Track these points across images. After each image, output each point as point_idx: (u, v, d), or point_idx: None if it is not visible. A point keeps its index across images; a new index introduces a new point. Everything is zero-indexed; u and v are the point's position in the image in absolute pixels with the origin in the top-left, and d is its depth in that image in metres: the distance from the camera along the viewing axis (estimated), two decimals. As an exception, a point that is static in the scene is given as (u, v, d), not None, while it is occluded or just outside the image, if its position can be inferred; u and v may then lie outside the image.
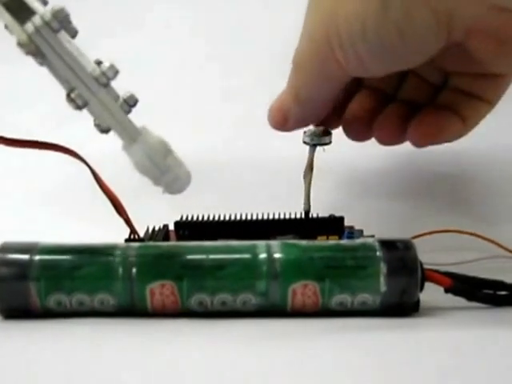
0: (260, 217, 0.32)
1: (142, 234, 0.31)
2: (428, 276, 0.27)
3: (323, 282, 0.26)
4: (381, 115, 0.31)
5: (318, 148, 0.32)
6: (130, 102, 0.25)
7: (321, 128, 0.31)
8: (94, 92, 0.25)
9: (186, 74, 0.45)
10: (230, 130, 0.44)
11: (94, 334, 0.26)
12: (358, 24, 0.24)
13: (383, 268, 0.26)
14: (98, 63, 0.25)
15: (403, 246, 0.27)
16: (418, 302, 0.27)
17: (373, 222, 0.34)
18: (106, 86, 0.25)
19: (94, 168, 0.29)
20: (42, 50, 0.24)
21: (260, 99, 0.31)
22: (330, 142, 0.32)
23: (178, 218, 0.32)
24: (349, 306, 0.27)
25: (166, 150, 0.25)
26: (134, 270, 0.26)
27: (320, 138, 0.31)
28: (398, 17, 0.24)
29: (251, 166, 0.42)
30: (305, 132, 0.31)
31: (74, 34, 0.25)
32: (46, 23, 0.24)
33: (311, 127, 0.31)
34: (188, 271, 0.26)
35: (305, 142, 0.32)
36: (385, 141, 0.31)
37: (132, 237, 0.30)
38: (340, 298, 0.26)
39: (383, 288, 0.26)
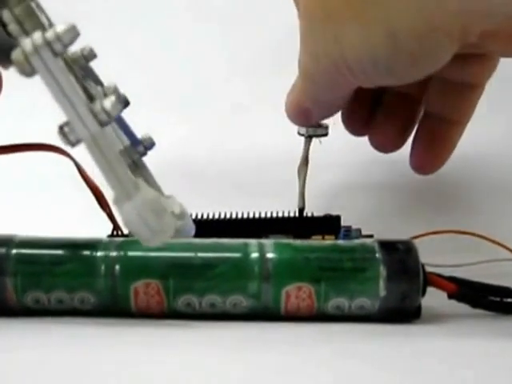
0: (252, 215, 0.31)
1: (127, 232, 0.29)
2: (431, 280, 0.26)
3: (319, 285, 0.25)
4: (375, 118, 0.30)
5: (314, 140, 0.30)
6: (146, 145, 0.24)
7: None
8: (90, 131, 0.22)
9: (177, 72, 0.44)
10: (221, 125, 0.43)
11: (73, 334, 0.25)
12: (368, 56, 0.24)
13: (383, 271, 0.25)
14: (104, 94, 0.23)
15: (404, 247, 0.26)
16: (419, 307, 0.26)
17: (371, 221, 0.33)
18: (106, 124, 0.23)
19: (78, 161, 0.28)
20: (38, 73, 0.22)
21: (251, 92, 0.29)
22: (326, 134, 0.30)
23: None
24: (346, 311, 0.26)
25: (160, 209, 0.23)
26: (117, 267, 0.25)
27: (316, 129, 0.30)
28: (408, 45, 0.23)
29: (243, 161, 0.41)
30: None
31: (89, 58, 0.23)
32: (48, 43, 0.21)
33: None
34: (175, 270, 0.25)
35: (300, 134, 0.30)
36: (381, 147, 0.31)
37: (115, 233, 0.29)
38: (337, 302, 0.25)
39: (383, 292, 0.25)
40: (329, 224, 0.31)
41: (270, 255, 0.25)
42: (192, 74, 0.44)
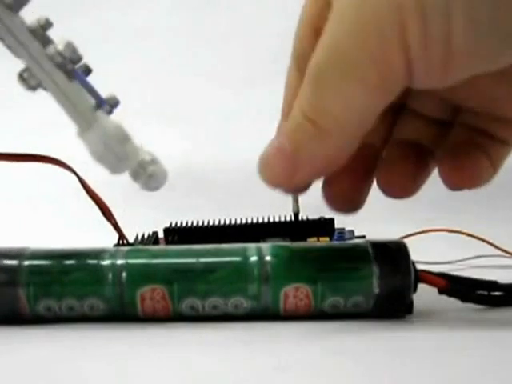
0: (249, 220, 0.31)
1: (131, 241, 0.31)
2: (421, 277, 0.27)
3: (315, 285, 0.26)
4: (382, 162, 0.26)
5: None
6: (111, 103, 0.24)
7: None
8: (47, 72, 0.23)
9: (174, 73, 0.45)
10: (219, 134, 0.44)
11: (84, 340, 0.26)
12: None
13: (376, 269, 0.26)
14: (49, 40, 0.24)
15: (395, 246, 0.27)
16: (411, 303, 0.27)
17: (363, 222, 0.33)
18: (62, 66, 0.23)
19: (80, 175, 0.29)
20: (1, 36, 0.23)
21: (250, 99, 0.30)
22: None
23: (167, 225, 0.32)
24: (341, 309, 0.26)
25: (123, 136, 0.24)
26: (123, 274, 0.26)
27: None
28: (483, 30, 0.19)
29: (240, 170, 0.41)
30: None
31: (46, 27, 0.23)
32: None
33: None
34: (179, 275, 0.26)
35: None
36: (390, 192, 0.26)
37: (121, 242, 0.30)
38: (333, 301, 0.26)
39: (376, 290, 0.26)
40: (323, 226, 0.31)
41: (268, 258, 0.26)
42: (187, 82, 0.44)
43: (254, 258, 0.26)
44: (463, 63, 0.20)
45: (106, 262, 0.27)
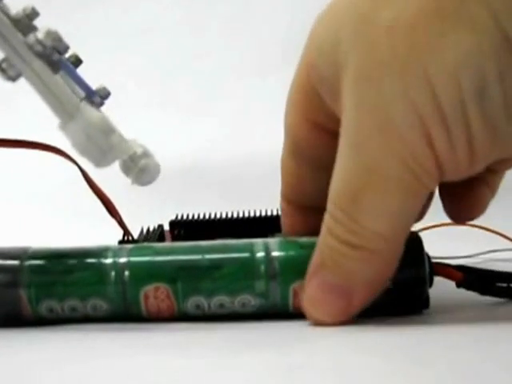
0: (258, 214, 0.31)
1: (136, 235, 0.30)
2: (437, 270, 0.26)
3: None
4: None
5: None
6: (102, 95, 0.24)
7: None
8: (27, 62, 0.23)
9: (177, 67, 0.45)
10: (226, 126, 0.43)
11: (88, 341, 0.25)
12: (476, 78, 0.20)
13: None
14: (34, 30, 0.23)
15: (408, 237, 0.25)
16: (427, 298, 0.26)
17: None
18: (43, 55, 0.23)
19: (84, 168, 0.28)
20: None
21: (256, 93, 0.29)
22: None
23: (173, 218, 0.31)
24: None
25: (107, 128, 0.23)
26: (126, 273, 0.26)
27: None
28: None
29: (247, 162, 0.42)
30: None
31: (32, 16, 0.23)
32: None
33: None
34: (183, 273, 0.25)
35: None
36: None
37: (126, 238, 0.29)
38: None
39: (389, 284, 0.25)
40: None
41: (275, 254, 0.25)
42: (188, 68, 0.43)
43: (260, 254, 0.25)
44: (486, 156, 0.22)
45: (109, 261, 0.26)
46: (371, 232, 0.22)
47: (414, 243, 0.25)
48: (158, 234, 0.31)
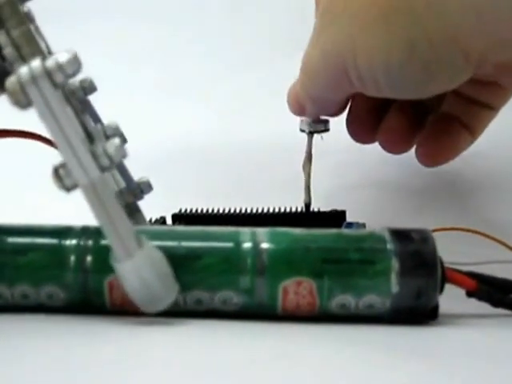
0: (259, 210, 0.31)
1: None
2: (449, 276, 0.23)
3: (321, 279, 0.23)
4: (384, 121, 0.31)
5: (316, 136, 0.31)
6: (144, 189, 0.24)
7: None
8: (89, 176, 0.20)
9: (174, 59, 0.45)
10: (228, 119, 0.43)
11: (40, 334, 0.22)
12: (381, 60, 0.24)
13: (395, 264, 0.23)
14: (106, 137, 0.22)
15: (420, 237, 0.23)
16: (436, 307, 0.23)
17: (377, 218, 0.33)
18: (107, 170, 0.21)
19: None
20: (35, 107, 0.20)
21: (256, 85, 0.33)
22: (326, 130, 0.31)
23: (177, 211, 0.31)
24: (352, 310, 0.23)
25: (165, 272, 0.21)
26: (88, 258, 0.23)
27: (316, 125, 0.31)
28: (424, 55, 0.24)
29: (250, 155, 0.42)
30: (302, 120, 0.31)
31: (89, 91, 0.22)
32: (48, 73, 0.20)
33: None
34: (155, 261, 0.23)
35: (301, 130, 0.32)
36: (390, 150, 0.31)
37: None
38: (341, 300, 0.23)
39: (395, 289, 0.23)
40: (334, 219, 0.31)
41: (265, 245, 0.23)
42: (184, 60, 0.44)
43: (247, 245, 0.23)
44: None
45: (70, 242, 0.23)
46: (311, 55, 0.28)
47: (426, 243, 0.23)
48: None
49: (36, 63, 0.20)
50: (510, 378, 0.20)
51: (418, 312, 0.23)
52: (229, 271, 0.23)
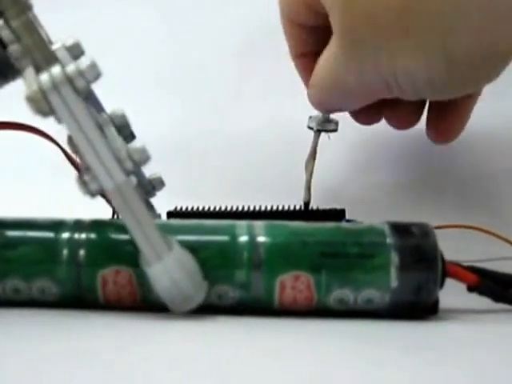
0: (257, 208, 0.31)
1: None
2: (450, 270, 0.23)
3: (319, 274, 0.22)
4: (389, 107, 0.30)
5: (323, 135, 0.31)
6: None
7: (327, 114, 0.31)
8: (115, 180, 0.21)
9: (172, 54, 0.44)
10: (228, 115, 0.42)
11: (32, 329, 0.22)
12: (423, 77, 0.25)
13: (394, 258, 0.22)
14: (111, 121, 0.21)
15: (420, 231, 0.23)
16: (436, 302, 0.23)
17: (377, 216, 0.31)
18: (132, 174, 0.21)
19: (62, 145, 0.25)
20: (57, 113, 0.20)
21: (259, 80, 0.32)
22: (335, 130, 0.31)
23: (172, 208, 0.31)
24: (351, 304, 0.23)
25: (194, 271, 0.21)
26: (81, 252, 0.22)
27: (325, 124, 0.31)
28: (465, 70, 0.24)
29: (249, 153, 0.41)
30: (310, 117, 0.31)
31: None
32: (69, 79, 0.20)
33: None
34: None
35: (309, 127, 0.31)
36: (397, 126, 0.31)
37: (115, 217, 0.26)
38: (340, 294, 0.23)
39: (394, 283, 0.22)
40: (334, 217, 0.31)
41: (261, 239, 0.23)
42: (194, 58, 0.44)
43: (243, 238, 0.23)
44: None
45: (62, 236, 0.23)
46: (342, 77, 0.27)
47: (427, 237, 0.23)
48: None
49: (56, 70, 0.20)
50: (510, 372, 0.20)
51: (417, 307, 0.23)
52: (225, 265, 0.22)
